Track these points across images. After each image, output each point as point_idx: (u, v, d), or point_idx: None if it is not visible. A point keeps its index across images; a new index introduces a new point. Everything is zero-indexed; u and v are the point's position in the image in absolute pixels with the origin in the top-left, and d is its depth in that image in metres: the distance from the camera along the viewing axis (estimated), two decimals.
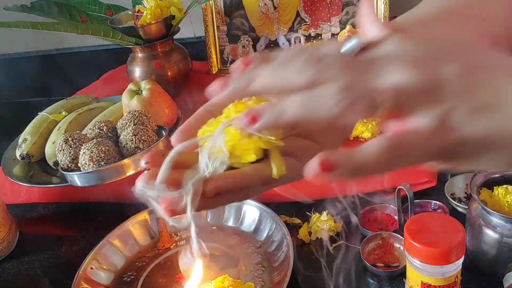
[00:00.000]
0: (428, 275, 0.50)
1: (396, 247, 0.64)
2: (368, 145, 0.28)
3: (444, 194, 0.69)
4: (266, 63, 0.31)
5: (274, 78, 0.30)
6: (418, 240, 0.48)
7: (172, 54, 1.08)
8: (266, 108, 0.29)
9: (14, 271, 0.73)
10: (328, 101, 0.27)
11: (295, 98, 0.28)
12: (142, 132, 0.75)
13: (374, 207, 0.70)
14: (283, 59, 0.31)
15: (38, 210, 0.86)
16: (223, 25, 1.18)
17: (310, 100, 0.28)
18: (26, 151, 0.90)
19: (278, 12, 1.15)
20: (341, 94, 0.27)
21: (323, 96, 0.28)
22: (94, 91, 1.19)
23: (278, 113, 0.29)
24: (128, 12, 1.11)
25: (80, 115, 0.94)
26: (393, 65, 0.28)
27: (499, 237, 0.55)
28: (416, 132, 0.29)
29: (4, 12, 1.06)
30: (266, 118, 0.29)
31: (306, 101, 0.28)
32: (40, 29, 0.89)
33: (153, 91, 0.89)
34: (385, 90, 0.28)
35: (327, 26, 1.13)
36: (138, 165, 0.73)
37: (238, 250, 0.68)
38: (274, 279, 0.62)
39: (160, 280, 0.66)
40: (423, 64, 0.29)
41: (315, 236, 0.68)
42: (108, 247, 0.70)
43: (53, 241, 0.78)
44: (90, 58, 1.37)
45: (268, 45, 1.17)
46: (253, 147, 0.30)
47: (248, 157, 0.30)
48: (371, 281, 0.61)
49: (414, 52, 0.29)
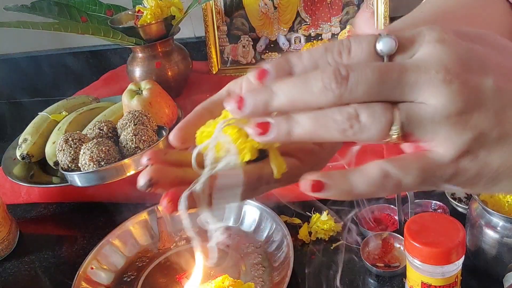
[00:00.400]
0: (428, 275, 0.50)
1: (396, 247, 0.64)
2: (363, 171, 0.27)
3: (444, 194, 0.69)
4: (285, 74, 0.29)
5: (296, 95, 0.27)
6: (418, 240, 0.48)
7: (172, 54, 1.08)
8: (279, 122, 0.27)
9: (15, 271, 0.73)
10: (344, 123, 0.26)
11: (310, 115, 0.27)
12: (142, 132, 0.75)
13: (374, 207, 0.70)
14: (306, 68, 0.28)
15: (38, 210, 0.86)
16: (223, 25, 1.18)
17: (324, 120, 0.27)
18: (26, 151, 0.90)
19: (278, 12, 1.15)
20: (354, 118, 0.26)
21: (339, 117, 0.26)
22: (94, 91, 1.19)
23: (289, 128, 0.27)
24: (128, 12, 1.11)
25: (80, 115, 0.94)
26: (428, 83, 0.26)
27: (499, 237, 0.55)
28: (432, 159, 0.27)
29: (4, 12, 1.06)
30: (278, 132, 0.27)
31: (322, 118, 0.27)
32: (40, 29, 0.89)
33: (153, 91, 0.89)
34: (414, 118, 0.26)
35: (327, 26, 1.13)
36: (138, 165, 0.73)
37: (239, 250, 0.68)
38: (274, 279, 0.62)
39: (160, 280, 0.66)
40: (463, 79, 0.26)
41: (315, 236, 0.68)
42: (108, 247, 0.70)
43: (53, 241, 0.78)
44: (90, 58, 1.37)
45: (268, 45, 1.18)
46: (249, 146, 0.29)
47: (244, 156, 0.30)
48: (371, 281, 0.61)
49: (454, 61, 0.26)
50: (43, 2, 1.02)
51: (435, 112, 0.26)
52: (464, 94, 0.26)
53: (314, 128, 0.27)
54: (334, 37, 1.12)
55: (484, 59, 0.27)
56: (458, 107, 0.26)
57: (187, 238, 0.72)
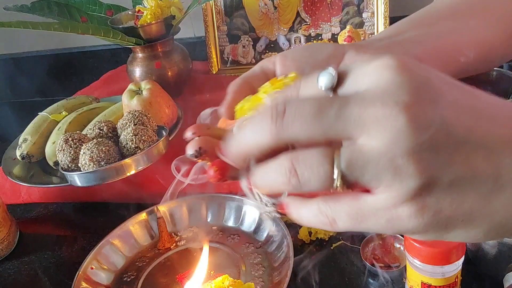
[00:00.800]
0: (428, 275, 0.50)
1: (396, 247, 0.64)
2: (307, 205, 0.26)
3: None
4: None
5: (247, 136, 0.26)
6: (418, 240, 0.48)
7: (172, 54, 1.08)
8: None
9: (14, 271, 0.73)
10: (283, 177, 0.25)
11: (260, 168, 0.27)
12: (143, 132, 0.75)
13: None
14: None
15: (38, 210, 0.86)
16: (223, 25, 1.18)
17: (267, 175, 0.26)
18: (26, 151, 0.90)
19: (278, 12, 1.15)
20: (290, 172, 0.24)
21: (278, 172, 0.25)
22: (94, 91, 1.19)
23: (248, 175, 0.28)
24: (128, 12, 1.11)
25: (80, 115, 0.94)
26: (372, 118, 0.23)
27: None
28: (367, 204, 0.24)
29: (4, 12, 1.06)
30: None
31: (265, 173, 0.26)
32: (41, 29, 0.89)
33: (153, 91, 0.89)
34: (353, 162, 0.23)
35: (327, 26, 1.13)
36: (138, 165, 0.73)
37: (238, 250, 0.68)
38: (274, 279, 0.62)
39: (160, 280, 0.66)
40: (412, 114, 0.22)
41: (315, 236, 0.68)
42: (108, 247, 0.70)
43: (53, 241, 0.78)
44: (90, 58, 1.37)
45: (268, 45, 1.18)
46: None
47: None
48: (371, 281, 0.61)
49: (404, 92, 0.23)
50: (43, 2, 1.02)
51: (379, 155, 0.23)
52: (412, 132, 0.22)
53: (263, 181, 0.27)
54: (334, 37, 1.12)
55: (439, 92, 0.24)
56: (404, 147, 0.22)
57: (187, 238, 0.72)
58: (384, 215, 0.24)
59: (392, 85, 0.23)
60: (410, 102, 0.22)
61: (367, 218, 0.25)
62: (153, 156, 0.74)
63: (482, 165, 0.23)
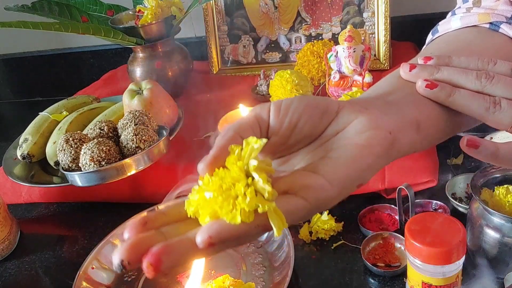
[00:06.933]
0: (429, 275, 0.50)
1: (397, 247, 0.64)
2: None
3: (445, 194, 0.69)
4: (444, 63, 0.41)
5: (455, 76, 0.39)
6: (419, 240, 0.48)
7: (173, 54, 1.08)
8: (444, 85, 0.38)
9: (15, 271, 0.73)
10: (489, 103, 0.38)
11: (469, 92, 0.39)
12: (143, 132, 0.75)
13: (374, 207, 0.70)
14: (460, 65, 0.41)
15: (39, 210, 0.86)
16: (223, 25, 1.18)
17: (477, 97, 0.38)
18: (27, 151, 0.90)
19: (278, 12, 1.15)
20: (498, 104, 0.38)
21: (487, 99, 0.38)
22: (95, 91, 1.19)
23: (451, 92, 0.38)
24: (129, 12, 1.11)
25: (81, 115, 0.94)
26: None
27: (500, 237, 0.55)
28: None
29: (4, 12, 1.06)
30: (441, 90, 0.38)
31: (476, 96, 0.38)
32: (41, 29, 0.89)
33: (154, 91, 0.89)
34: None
35: (327, 26, 1.13)
36: (139, 164, 0.73)
37: (239, 250, 0.68)
38: (274, 279, 0.62)
39: (161, 280, 0.66)
40: None
41: (316, 236, 0.68)
42: (109, 247, 0.70)
43: (54, 241, 0.78)
44: (91, 58, 1.37)
45: (268, 45, 1.18)
46: (238, 209, 0.28)
47: (232, 220, 0.28)
48: (371, 281, 0.61)
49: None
50: (44, 2, 1.02)
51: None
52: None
53: (469, 100, 0.37)
54: (335, 37, 1.12)
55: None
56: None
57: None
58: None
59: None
60: None
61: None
62: (153, 156, 0.74)
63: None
